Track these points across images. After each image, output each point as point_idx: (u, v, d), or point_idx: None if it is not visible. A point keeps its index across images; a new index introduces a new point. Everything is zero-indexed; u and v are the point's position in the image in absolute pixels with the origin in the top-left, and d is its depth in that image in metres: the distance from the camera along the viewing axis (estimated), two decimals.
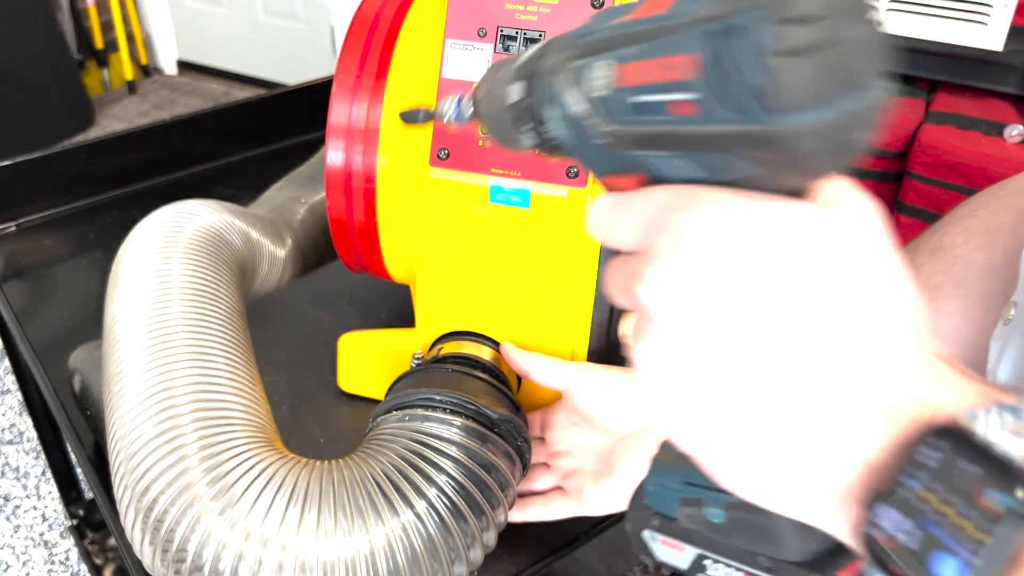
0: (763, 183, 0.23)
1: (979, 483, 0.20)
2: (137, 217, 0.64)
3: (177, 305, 0.55)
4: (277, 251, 0.71)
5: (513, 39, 0.53)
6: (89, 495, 1.28)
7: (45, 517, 1.39)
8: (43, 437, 1.15)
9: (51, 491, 1.42)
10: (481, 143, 0.54)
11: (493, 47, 0.53)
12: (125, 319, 0.54)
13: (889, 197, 1.31)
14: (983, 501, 0.20)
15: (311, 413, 0.68)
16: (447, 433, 0.49)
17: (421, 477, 0.47)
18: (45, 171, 0.93)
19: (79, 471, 1.24)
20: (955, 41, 1.24)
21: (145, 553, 0.46)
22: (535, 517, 0.56)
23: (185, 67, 3.22)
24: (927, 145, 1.22)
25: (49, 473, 1.42)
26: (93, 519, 1.27)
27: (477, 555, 0.49)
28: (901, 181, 1.29)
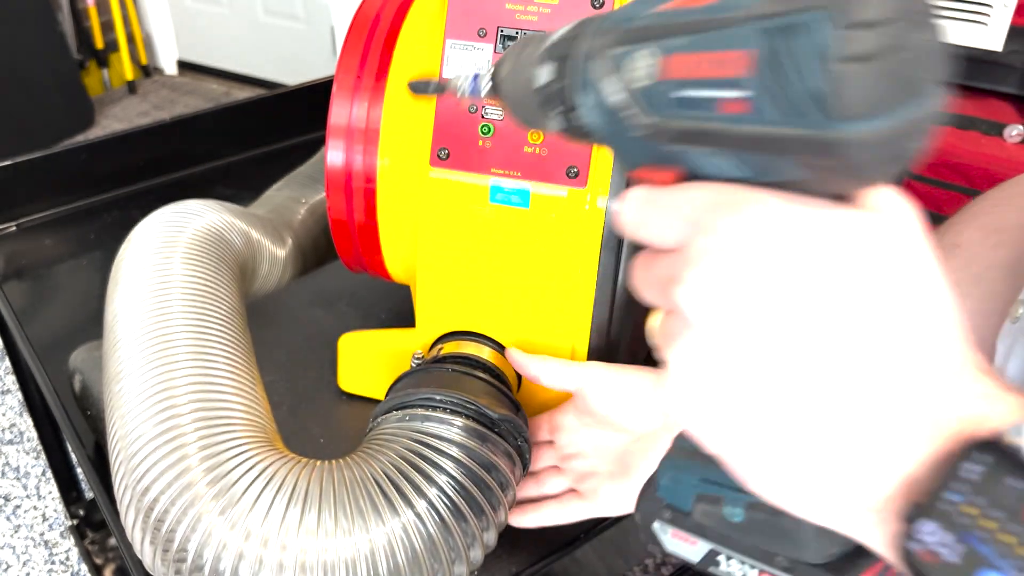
0: (810, 187, 0.23)
1: None
2: (137, 217, 0.64)
3: (177, 305, 0.55)
4: (277, 251, 0.71)
5: (513, 39, 0.53)
6: (89, 495, 1.28)
7: (45, 517, 1.39)
8: (43, 437, 1.15)
9: (51, 491, 1.42)
10: (481, 143, 0.54)
11: (493, 47, 0.53)
12: (125, 319, 0.54)
13: None
14: None
15: (311, 413, 0.68)
16: (447, 433, 0.49)
17: (421, 477, 0.47)
18: (45, 171, 0.93)
19: (79, 471, 1.24)
20: (954, 41, 1.24)
21: (145, 553, 0.46)
22: (551, 520, 0.55)
23: (185, 67, 3.22)
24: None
25: (49, 473, 1.42)
26: (93, 519, 1.27)
27: (477, 555, 0.49)
28: (901, 181, 1.29)
